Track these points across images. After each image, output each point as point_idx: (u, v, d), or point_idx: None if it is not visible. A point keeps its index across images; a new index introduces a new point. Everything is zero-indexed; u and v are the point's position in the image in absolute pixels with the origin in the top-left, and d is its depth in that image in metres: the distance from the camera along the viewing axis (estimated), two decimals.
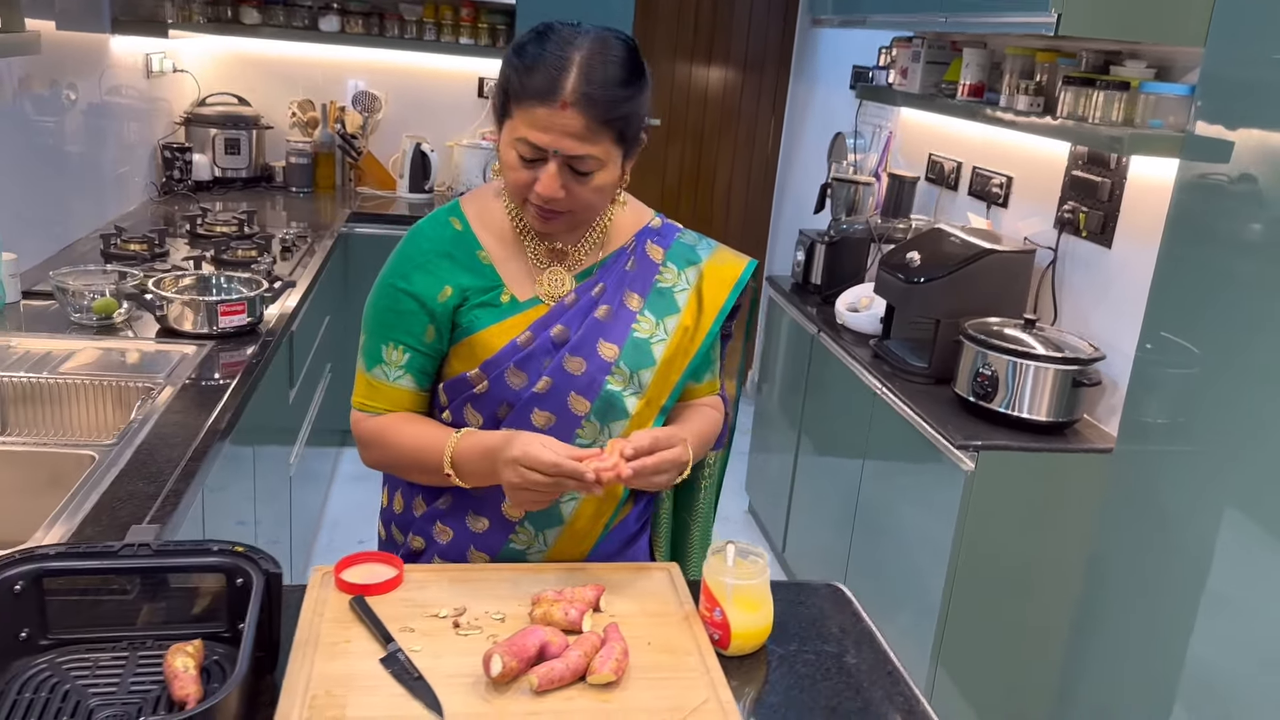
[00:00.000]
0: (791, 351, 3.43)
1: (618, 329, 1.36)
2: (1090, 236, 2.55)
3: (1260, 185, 1.90)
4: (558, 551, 1.41)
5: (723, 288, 1.43)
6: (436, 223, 1.38)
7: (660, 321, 1.39)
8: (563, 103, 1.21)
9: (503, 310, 1.35)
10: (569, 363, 1.33)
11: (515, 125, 1.24)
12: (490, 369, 1.33)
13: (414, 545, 1.44)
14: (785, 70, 4.98)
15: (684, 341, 1.40)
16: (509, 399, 1.33)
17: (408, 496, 1.45)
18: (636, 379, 1.37)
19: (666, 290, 1.40)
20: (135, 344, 2.18)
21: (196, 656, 1.05)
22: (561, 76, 1.21)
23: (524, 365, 1.33)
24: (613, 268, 1.40)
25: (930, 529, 2.40)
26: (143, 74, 3.58)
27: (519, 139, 1.24)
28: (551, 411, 1.34)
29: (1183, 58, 2.30)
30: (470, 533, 1.39)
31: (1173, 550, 2.06)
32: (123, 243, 2.83)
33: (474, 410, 1.36)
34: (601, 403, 1.35)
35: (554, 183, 1.24)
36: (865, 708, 1.18)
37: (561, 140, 1.22)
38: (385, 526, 1.51)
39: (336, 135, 4.31)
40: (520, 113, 1.23)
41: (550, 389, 1.33)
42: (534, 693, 1.07)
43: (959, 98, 2.89)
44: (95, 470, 1.58)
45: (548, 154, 1.23)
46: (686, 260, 1.43)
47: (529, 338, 1.34)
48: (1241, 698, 1.87)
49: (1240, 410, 1.91)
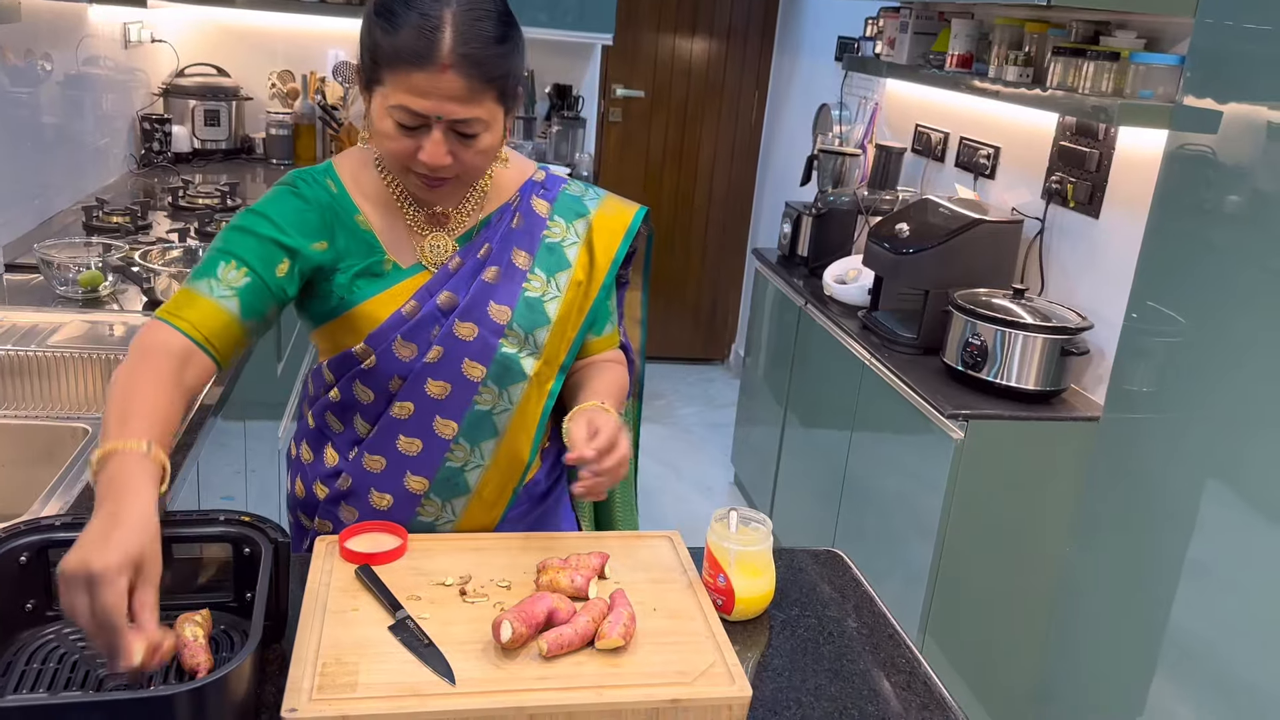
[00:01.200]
0: (778, 324, 3.44)
1: (508, 289, 1.32)
2: (1078, 207, 2.57)
3: (1247, 157, 1.91)
4: (468, 521, 1.38)
5: (613, 238, 1.39)
6: (313, 180, 1.29)
7: (552, 278, 1.35)
8: (442, 65, 1.14)
9: (385, 279, 1.29)
10: (459, 329, 1.29)
11: (389, 92, 1.17)
12: (376, 342, 1.29)
13: (321, 530, 1.39)
14: (769, 41, 4.96)
15: (578, 297, 1.37)
16: (399, 371, 1.29)
17: (308, 481, 1.40)
18: (532, 339, 1.33)
19: (555, 245, 1.36)
20: (122, 316, 2.15)
21: (205, 626, 1.05)
22: (437, 37, 1.14)
23: (412, 335, 1.29)
24: (497, 226, 1.35)
25: (919, 498, 2.42)
26: (120, 44, 3.52)
27: (396, 106, 1.17)
28: (446, 380, 1.30)
29: (1173, 28, 2.31)
30: (375, 510, 1.35)
31: (1157, 518, 2.09)
32: (104, 215, 2.79)
33: (364, 386, 1.31)
34: (497, 366, 1.32)
35: (440, 150, 1.18)
36: (867, 670, 1.19)
37: (444, 105, 1.16)
38: (292, 513, 1.45)
39: (317, 106, 4.26)
40: (394, 79, 1.16)
41: (442, 357, 1.29)
42: (544, 658, 1.07)
43: (947, 69, 2.89)
44: (89, 442, 1.56)
45: (430, 120, 1.17)
46: (574, 213, 1.39)
47: (414, 306, 1.29)
48: (1222, 662, 1.91)
49: (1225, 380, 1.93)
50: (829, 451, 2.94)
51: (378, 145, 1.24)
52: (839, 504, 2.86)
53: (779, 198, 4.47)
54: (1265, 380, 1.84)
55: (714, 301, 5.29)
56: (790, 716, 1.10)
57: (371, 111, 1.22)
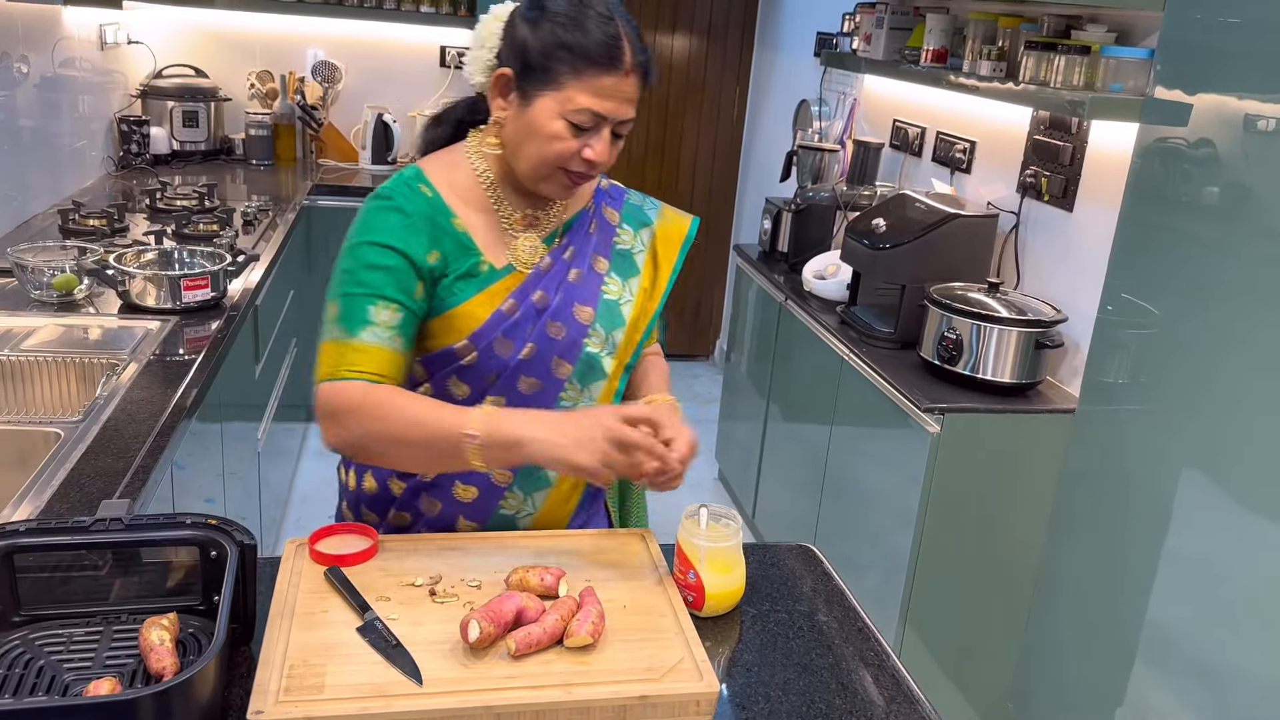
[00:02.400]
0: (759, 319, 3.45)
1: (590, 291, 1.38)
2: (1052, 200, 2.58)
3: (1217, 149, 1.93)
4: (544, 514, 1.42)
5: (672, 248, 1.47)
6: (408, 187, 1.32)
7: (625, 283, 1.42)
8: (626, 71, 1.24)
9: (483, 280, 1.33)
10: (550, 328, 1.34)
11: (572, 96, 1.23)
12: (479, 340, 1.32)
13: (396, 522, 1.42)
14: (749, 38, 4.96)
15: (645, 302, 1.43)
16: (497, 368, 1.33)
17: (380, 476, 1.41)
18: (610, 339, 1.39)
19: (626, 252, 1.43)
20: (97, 320, 2.15)
21: (172, 630, 1.05)
22: (622, 45, 1.23)
23: (510, 334, 1.32)
24: (578, 230, 1.40)
25: (897, 491, 2.43)
26: (97, 46, 3.51)
27: (579, 109, 1.23)
28: (537, 377, 1.34)
29: (1143, 21, 2.32)
30: (458, 503, 1.39)
31: (1133, 508, 2.11)
32: (81, 218, 2.78)
33: (460, 381, 1.34)
34: (582, 365, 1.36)
35: (607, 146, 1.27)
36: (836, 663, 1.20)
37: (622, 107, 1.25)
38: (353, 509, 1.46)
39: (296, 106, 4.25)
40: (579, 83, 1.23)
41: (535, 355, 1.33)
42: (512, 657, 1.08)
43: (922, 64, 2.90)
44: (61, 447, 1.56)
45: (605, 121, 1.25)
46: (639, 222, 1.46)
47: (513, 305, 1.33)
48: (1200, 649, 1.93)
49: (1198, 370, 1.95)
50: (810, 446, 2.95)
51: (534, 145, 1.27)
52: (820, 498, 2.87)
53: (760, 193, 4.48)
54: (1238, 370, 1.85)
55: (698, 298, 5.30)
56: (758, 711, 1.10)
57: (532, 115, 1.26)
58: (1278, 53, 1.80)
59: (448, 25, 4.27)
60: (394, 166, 4.25)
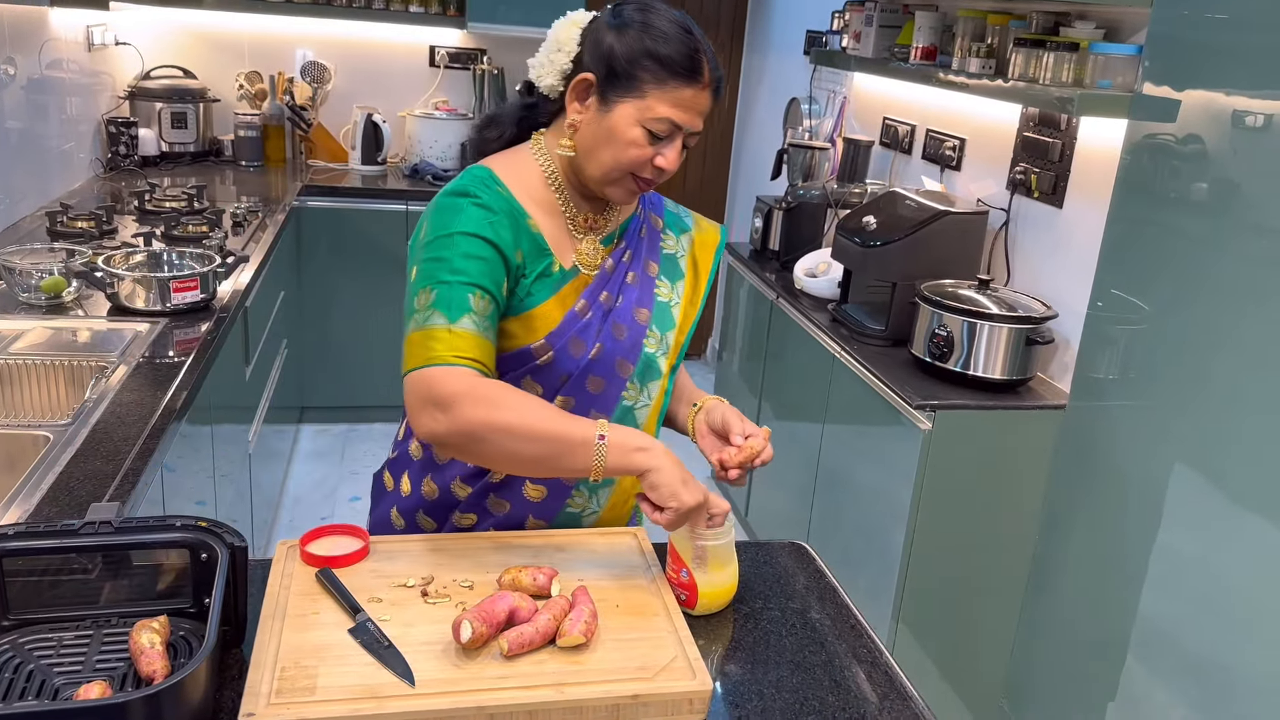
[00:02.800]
0: (751, 317, 3.45)
1: (645, 293, 1.42)
2: (1042, 197, 2.59)
3: (1206, 144, 1.93)
4: (607, 512, 1.45)
5: (708, 254, 1.51)
6: (485, 186, 1.31)
7: (674, 286, 1.46)
8: (704, 84, 1.28)
9: (556, 281, 1.35)
10: (615, 329, 1.37)
11: (653, 104, 1.27)
12: (555, 340, 1.33)
13: (461, 524, 1.41)
14: (739, 37, 4.96)
15: (688, 306, 1.46)
16: (569, 369, 1.35)
17: (442, 481, 1.41)
18: (665, 340, 1.42)
19: (671, 256, 1.47)
20: (86, 323, 2.14)
21: (162, 632, 1.04)
22: (701, 58, 1.28)
23: (583, 334, 1.35)
24: (632, 234, 1.44)
25: (889, 488, 2.44)
26: (84, 47, 3.49)
27: (660, 118, 1.27)
28: (602, 376, 1.37)
29: (1131, 18, 2.33)
30: (528, 502, 1.40)
31: (1125, 503, 2.11)
32: (69, 220, 2.77)
33: (534, 381, 1.35)
34: (642, 365, 1.39)
35: (678, 156, 1.31)
36: (830, 661, 1.20)
37: (696, 119, 1.30)
38: (405, 515, 1.45)
39: (286, 107, 4.24)
40: (661, 92, 1.26)
41: (602, 355, 1.36)
42: (504, 657, 1.08)
43: (912, 61, 2.91)
44: (51, 450, 1.55)
45: (680, 131, 1.29)
46: (679, 228, 1.51)
47: (584, 306, 1.36)
48: (1192, 643, 1.93)
49: (1189, 365, 1.95)
50: (803, 443, 2.95)
51: (610, 150, 1.29)
52: (813, 494, 2.88)
53: (751, 192, 4.48)
54: (1229, 365, 1.86)
55: None
56: (751, 709, 1.10)
57: (611, 120, 1.28)
58: (1265, 48, 1.80)
59: (437, 25, 4.26)
60: (384, 167, 4.24)
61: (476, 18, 4.07)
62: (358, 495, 3.57)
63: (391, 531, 1.47)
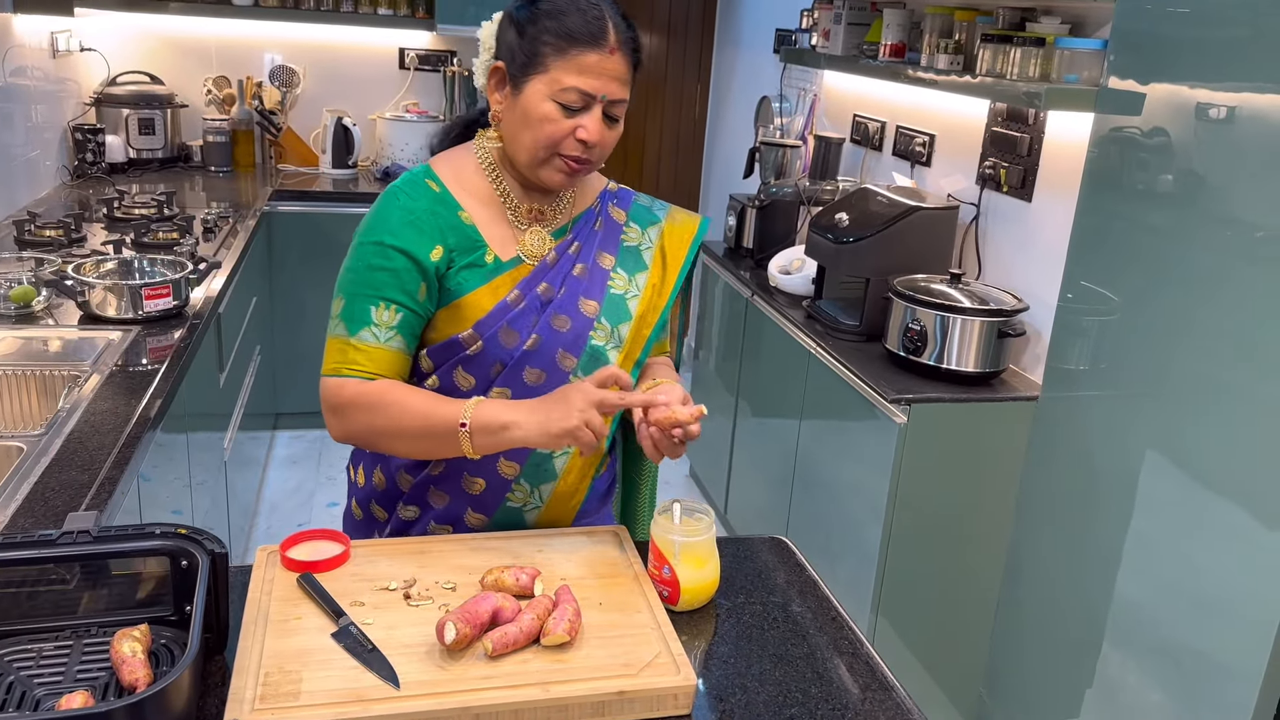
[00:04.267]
0: (727, 315, 3.47)
1: (595, 286, 1.41)
2: (1011, 191, 2.61)
3: (1171, 137, 1.96)
4: (550, 508, 1.43)
5: (681, 246, 1.49)
6: (414, 184, 1.36)
7: (632, 278, 1.44)
8: (611, 48, 1.27)
9: (488, 271, 1.35)
10: (555, 320, 1.36)
11: (558, 76, 1.27)
12: (483, 329, 1.34)
13: (405, 516, 1.43)
14: (709, 35, 4.98)
15: (653, 298, 1.45)
16: (502, 358, 1.35)
17: (389, 471, 1.43)
18: (616, 333, 1.41)
19: (634, 248, 1.46)
20: (57, 332, 2.12)
21: (144, 641, 1.04)
22: (606, 24, 1.27)
23: (515, 324, 1.35)
24: (584, 227, 1.44)
25: (866, 482, 2.46)
26: (49, 54, 3.45)
27: (567, 89, 1.27)
28: (541, 368, 1.36)
29: (1095, 13, 2.36)
30: (466, 495, 1.40)
31: (1098, 492, 2.14)
32: (37, 229, 2.74)
33: (465, 373, 1.36)
34: (587, 357, 1.38)
35: (599, 126, 1.29)
36: (811, 653, 1.21)
37: (609, 85, 1.28)
38: (362, 506, 1.48)
39: (254, 112, 4.21)
40: (564, 62, 1.27)
41: (540, 346, 1.35)
42: (489, 657, 1.08)
43: (881, 59, 2.93)
44: (24, 461, 1.54)
45: (595, 100, 1.28)
46: (647, 220, 1.49)
47: (518, 296, 1.36)
48: (1167, 629, 1.96)
49: (1157, 354, 1.98)
50: (780, 440, 2.96)
51: (529, 131, 1.30)
52: (791, 490, 2.89)
53: (724, 190, 4.49)
54: (1197, 354, 1.89)
55: None
56: (735, 703, 1.11)
57: (523, 101, 1.30)
58: (1226, 41, 1.83)
59: (406, 28, 4.25)
60: (355, 171, 4.22)
61: (446, 19, 4.06)
62: (335, 501, 3.55)
63: (353, 523, 1.50)
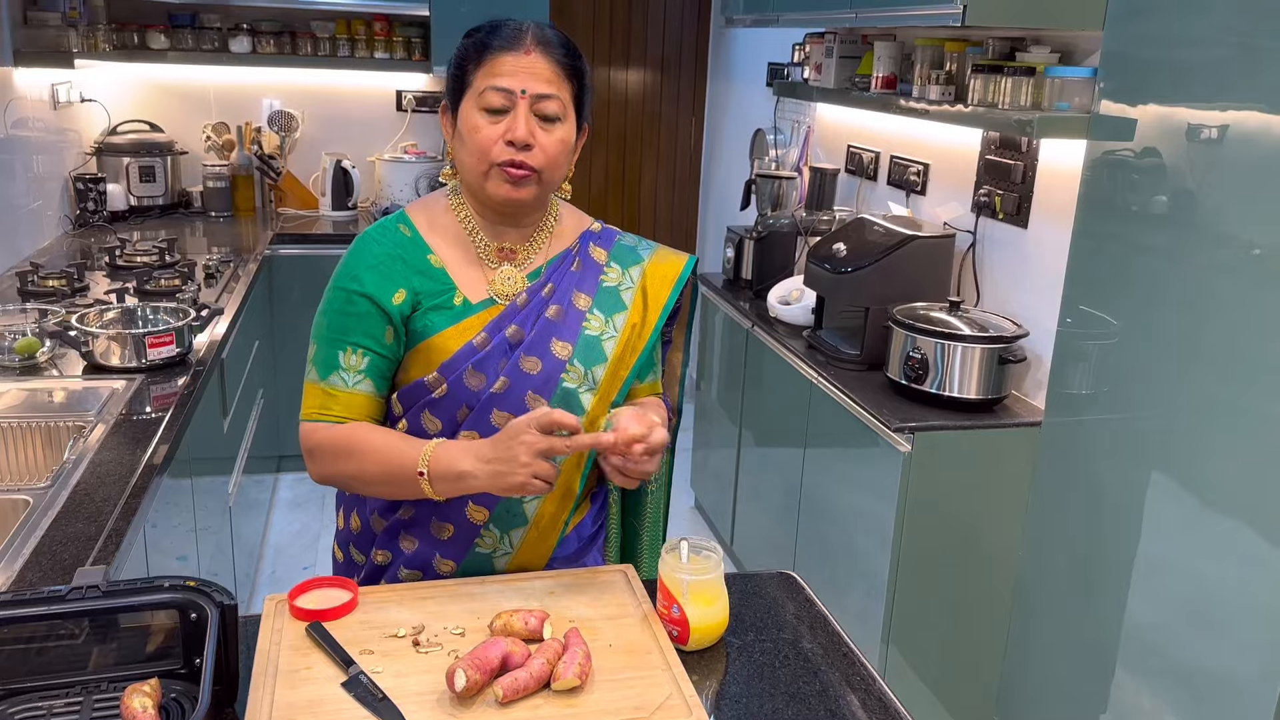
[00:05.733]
0: (728, 347, 3.47)
1: (569, 328, 1.40)
2: (1006, 218, 2.63)
3: (1164, 159, 1.98)
4: (522, 554, 1.42)
5: (665, 285, 1.48)
6: (385, 229, 1.39)
7: (609, 319, 1.43)
8: (526, 49, 1.31)
9: (456, 313, 1.36)
10: (524, 362, 1.36)
11: (478, 85, 1.31)
12: (448, 371, 1.35)
13: (378, 560, 1.43)
14: (702, 70, 5.03)
15: (632, 338, 1.43)
16: (468, 401, 1.35)
17: (364, 514, 1.44)
18: (590, 375, 1.39)
19: (613, 289, 1.45)
20: (62, 382, 2.12)
21: (154, 695, 1.03)
22: (522, 33, 1.32)
23: (481, 366, 1.35)
24: (560, 268, 1.44)
25: (872, 511, 2.45)
26: (49, 105, 3.49)
27: (487, 89, 1.30)
28: (510, 411, 1.35)
29: (1084, 41, 2.38)
30: (435, 540, 1.40)
31: (1105, 516, 2.14)
32: (40, 279, 2.75)
33: (432, 416, 1.36)
34: (558, 400, 1.37)
35: (525, 122, 1.31)
36: (824, 690, 1.21)
37: (528, 80, 1.31)
38: (342, 548, 1.50)
39: (254, 157, 4.24)
40: (482, 71, 1.31)
41: (508, 389, 1.35)
42: (500, 704, 1.08)
43: (873, 90, 2.96)
44: (31, 514, 1.54)
45: (516, 96, 1.30)
46: (630, 260, 1.48)
47: (484, 339, 1.36)
48: (1179, 651, 1.95)
49: (1159, 376, 1.99)
50: (784, 471, 2.96)
51: (466, 150, 1.34)
52: (797, 521, 2.89)
53: (721, 223, 4.52)
54: (1199, 373, 1.89)
55: None
56: None
57: (459, 124, 1.35)
58: (1213, 62, 1.85)
59: (403, 70, 4.29)
60: (355, 213, 4.25)
61: (442, 61, 4.07)
62: None
63: (337, 566, 1.52)
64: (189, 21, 4.05)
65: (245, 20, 4.09)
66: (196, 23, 4.06)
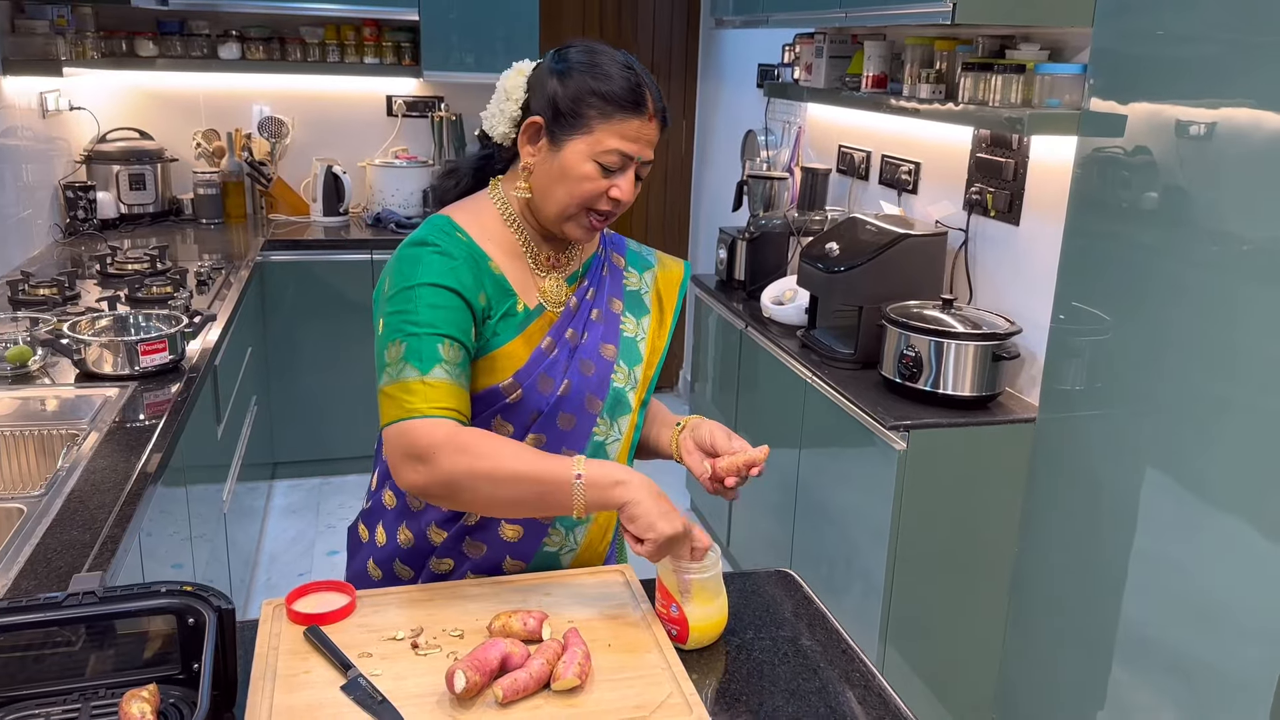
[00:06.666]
0: (722, 348, 3.48)
1: (611, 329, 1.44)
2: (998, 216, 2.64)
3: (1153, 155, 1.99)
4: (584, 549, 1.44)
5: (672, 290, 1.54)
6: (445, 234, 1.35)
7: (639, 321, 1.48)
8: (650, 115, 1.34)
9: (521, 320, 1.38)
10: (583, 365, 1.39)
11: (601, 138, 1.31)
12: (523, 377, 1.36)
13: (439, 569, 1.41)
14: (692, 72, 5.03)
15: (655, 339, 1.49)
16: (540, 405, 1.37)
17: (417, 528, 1.41)
18: (632, 375, 1.44)
19: (635, 292, 1.50)
20: (54, 390, 2.12)
21: (152, 701, 1.03)
22: (644, 91, 1.33)
23: (551, 371, 1.37)
24: (594, 273, 1.47)
25: (868, 510, 2.45)
26: (38, 114, 3.47)
27: (609, 150, 1.31)
28: (572, 413, 1.38)
29: (1074, 38, 2.39)
30: (504, 542, 1.40)
31: (1100, 511, 2.14)
32: (31, 288, 2.74)
33: (504, 420, 1.37)
34: (611, 399, 1.41)
35: (632, 186, 1.35)
36: (824, 687, 1.21)
37: (645, 149, 1.35)
38: (381, 565, 1.44)
39: (244, 163, 4.23)
40: (607, 125, 1.31)
41: (571, 391, 1.38)
42: (499, 705, 1.07)
43: (863, 90, 2.96)
44: (25, 522, 1.53)
45: (631, 162, 1.34)
46: (642, 265, 1.54)
47: (550, 343, 1.38)
48: (1176, 646, 1.96)
49: (1151, 371, 2.00)
50: (780, 470, 2.96)
51: (565, 188, 1.33)
52: (793, 521, 2.89)
53: (714, 224, 4.52)
54: (1191, 369, 1.90)
55: None
56: None
57: (563, 159, 1.33)
58: (1202, 59, 1.86)
59: (393, 75, 4.29)
60: (346, 218, 4.24)
61: (431, 66, 4.10)
62: (335, 549, 3.53)
63: (369, 583, 1.46)
64: (177, 29, 4.04)
65: (234, 26, 4.08)
66: (185, 29, 4.06)
